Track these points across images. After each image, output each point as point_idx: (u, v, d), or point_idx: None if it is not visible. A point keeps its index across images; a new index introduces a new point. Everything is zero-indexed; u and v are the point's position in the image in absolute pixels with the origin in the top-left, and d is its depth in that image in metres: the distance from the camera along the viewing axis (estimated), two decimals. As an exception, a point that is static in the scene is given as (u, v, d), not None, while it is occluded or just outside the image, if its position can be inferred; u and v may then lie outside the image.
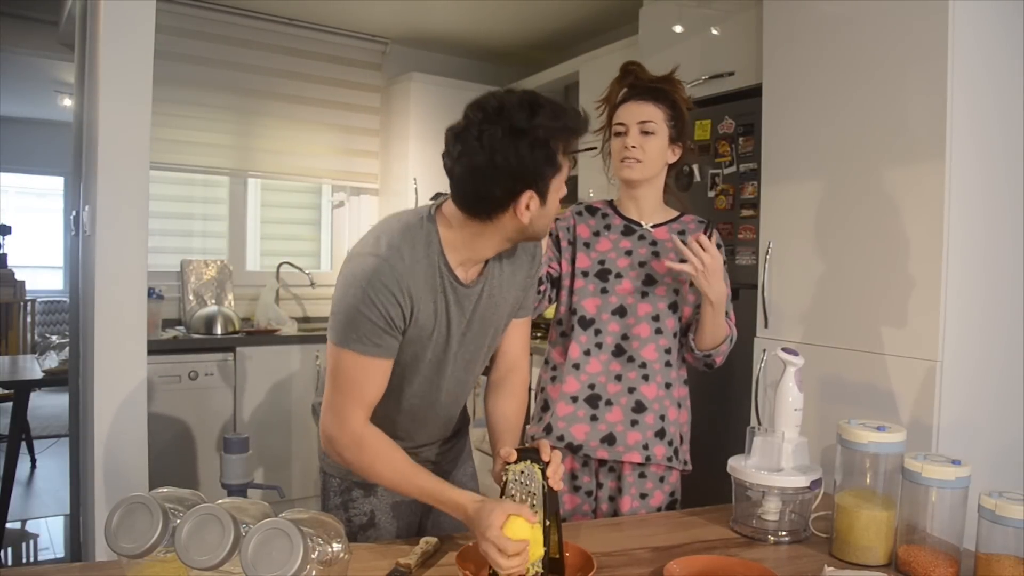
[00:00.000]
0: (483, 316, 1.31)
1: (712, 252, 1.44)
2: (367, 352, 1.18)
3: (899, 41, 1.79)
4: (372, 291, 1.16)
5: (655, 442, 1.56)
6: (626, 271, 1.59)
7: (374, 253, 1.19)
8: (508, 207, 1.17)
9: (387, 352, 1.21)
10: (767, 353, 2.14)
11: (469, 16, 3.76)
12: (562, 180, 1.20)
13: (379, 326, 1.18)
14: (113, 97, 2.03)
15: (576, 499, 1.62)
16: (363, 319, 1.17)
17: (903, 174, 1.79)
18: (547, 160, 1.15)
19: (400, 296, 1.18)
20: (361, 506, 1.41)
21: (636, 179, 1.60)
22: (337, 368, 1.20)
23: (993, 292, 1.78)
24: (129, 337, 2.06)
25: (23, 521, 3.54)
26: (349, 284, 1.19)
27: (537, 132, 1.12)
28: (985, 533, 1.12)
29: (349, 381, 1.20)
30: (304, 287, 4.02)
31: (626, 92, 1.62)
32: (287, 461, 3.51)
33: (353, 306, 1.17)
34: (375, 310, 1.16)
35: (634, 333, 1.58)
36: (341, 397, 1.21)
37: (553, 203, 1.21)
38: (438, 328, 1.25)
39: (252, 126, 3.88)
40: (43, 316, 6.32)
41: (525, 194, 1.16)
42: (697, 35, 2.59)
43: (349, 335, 1.18)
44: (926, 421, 1.70)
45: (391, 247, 1.19)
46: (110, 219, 2.04)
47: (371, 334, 1.18)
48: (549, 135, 1.13)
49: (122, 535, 0.89)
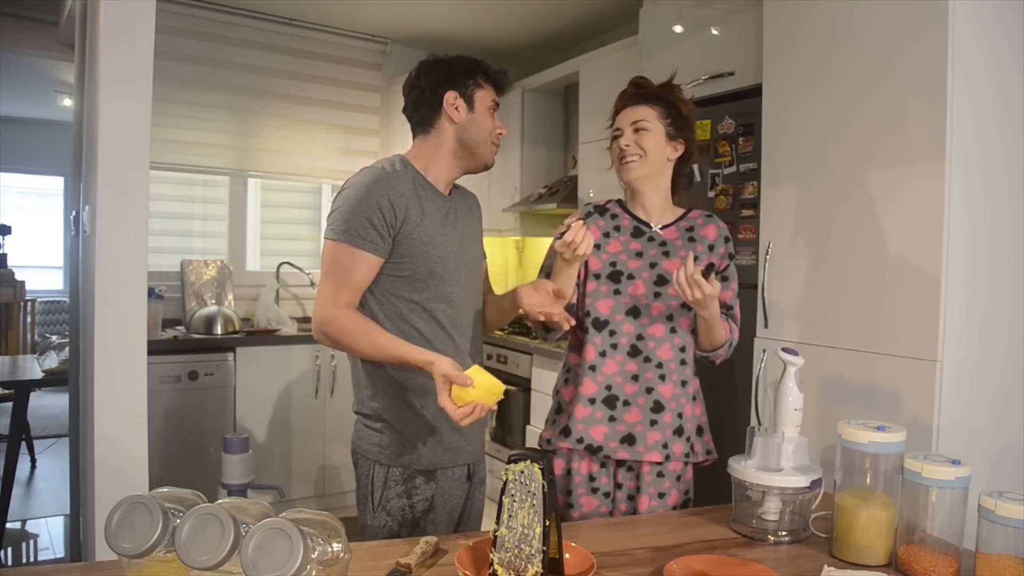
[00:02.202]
0: (463, 230, 1.58)
1: (705, 289, 1.42)
2: (355, 244, 1.42)
3: (899, 41, 1.80)
4: (369, 194, 1.43)
5: (674, 440, 1.58)
6: (638, 272, 1.60)
7: (365, 170, 1.49)
8: (439, 111, 1.52)
9: (373, 248, 1.43)
10: (767, 353, 2.14)
11: (469, 16, 3.76)
12: (487, 97, 1.54)
13: (371, 221, 1.42)
14: (113, 97, 2.03)
15: (594, 500, 1.62)
16: (356, 215, 1.42)
17: (903, 174, 1.79)
18: (466, 70, 1.52)
19: (391, 191, 1.44)
20: (423, 492, 1.52)
21: (636, 176, 1.60)
22: (331, 259, 1.44)
23: (993, 292, 1.78)
24: (129, 337, 2.06)
25: (23, 521, 3.54)
26: (349, 190, 1.46)
27: (456, 59, 1.54)
28: (985, 533, 1.12)
29: (338, 268, 1.43)
30: (304, 287, 4.02)
31: (623, 102, 1.65)
32: (287, 461, 3.51)
33: (350, 206, 1.43)
34: (371, 207, 1.42)
35: (649, 333, 1.59)
36: (329, 283, 1.44)
37: (482, 113, 1.53)
38: (430, 225, 1.49)
39: (252, 126, 3.88)
40: (43, 316, 6.33)
41: (449, 94, 1.51)
42: (697, 35, 2.59)
43: (345, 230, 1.42)
44: (926, 421, 1.70)
45: (377, 166, 1.50)
46: (110, 219, 2.04)
47: (362, 228, 1.42)
48: (466, 59, 1.54)
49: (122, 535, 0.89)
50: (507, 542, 1.12)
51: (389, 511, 1.51)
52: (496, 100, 1.57)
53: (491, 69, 1.57)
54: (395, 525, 1.51)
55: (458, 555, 1.14)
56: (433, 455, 1.53)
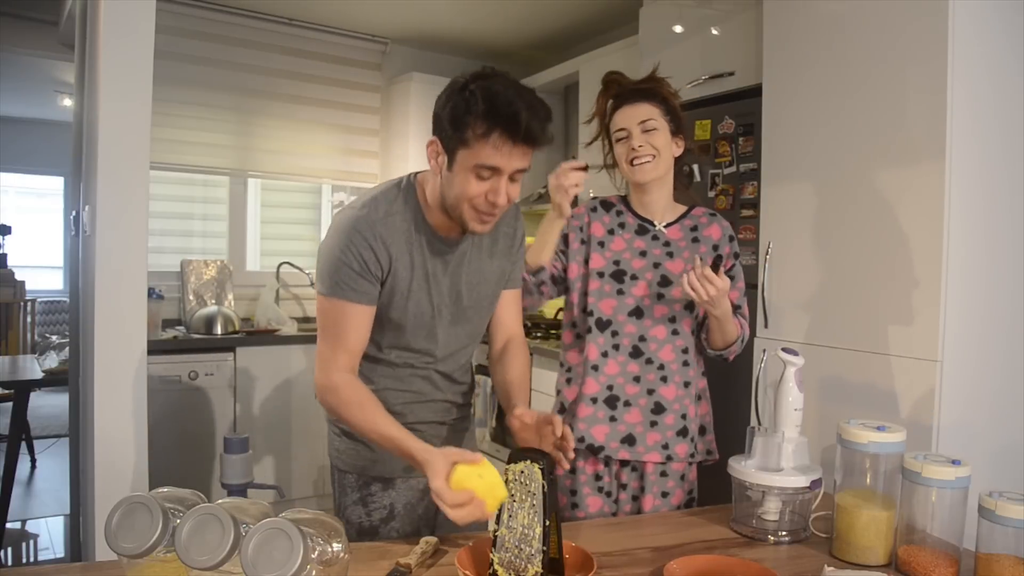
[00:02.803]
0: (469, 276, 1.39)
1: (717, 284, 1.41)
2: (346, 296, 1.28)
3: (899, 41, 1.79)
4: (348, 239, 1.27)
5: (676, 441, 1.58)
6: (641, 272, 1.59)
7: (352, 207, 1.32)
8: (428, 154, 1.28)
9: (365, 298, 1.30)
10: (767, 353, 2.14)
11: (469, 16, 3.75)
12: (473, 158, 1.19)
13: (355, 271, 1.27)
14: (113, 97, 2.03)
15: (599, 500, 1.62)
16: (342, 265, 1.27)
17: (903, 174, 1.79)
18: (455, 120, 1.19)
19: (374, 242, 1.28)
20: (380, 500, 1.43)
21: (653, 178, 1.58)
22: (323, 316, 1.31)
23: (993, 292, 1.77)
24: (129, 337, 2.06)
25: (23, 521, 3.54)
26: (330, 237, 1.31)
27: (464, 93, 1.19)
28: (985, 533, 1.12)
29: (332, 326, 1.30)
30: (304, 287, 4.02)
31: (614, 101, 1.61)
32: (287, 461, 3.51)
33: (333, 254, 1.28)
34: (353, 257, 1.27)
35: (651, 335, 1.58)
36: (325, 344, 1.31)
37: (460, 174, 1.22)
38: (416, 279, 1.33)
39: (252, 126, 3.88)
40: (43, 316, 6.32)
41: (432, 140, 1.26)
42: (697, 35, 2.59)
43: (332, 284, 1.28)
44: (926, 421, 1.70)
45: (369, 202, 1.32)
46: (110, 219, 2.04)
47: (349, 279, 1.28)
48: (470, 103, 1.17)
49: (122, 535, 0.89)
50: (507, 542, 1.12)
51: (348, 518, 1.43)
52: (490, 165, 1.19)
53: (503, 123, 1.16)
54: (353, 533, 1.40)
55: (458, 555, 1.14)
56: (389, 462, 1.40)
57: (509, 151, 1.18)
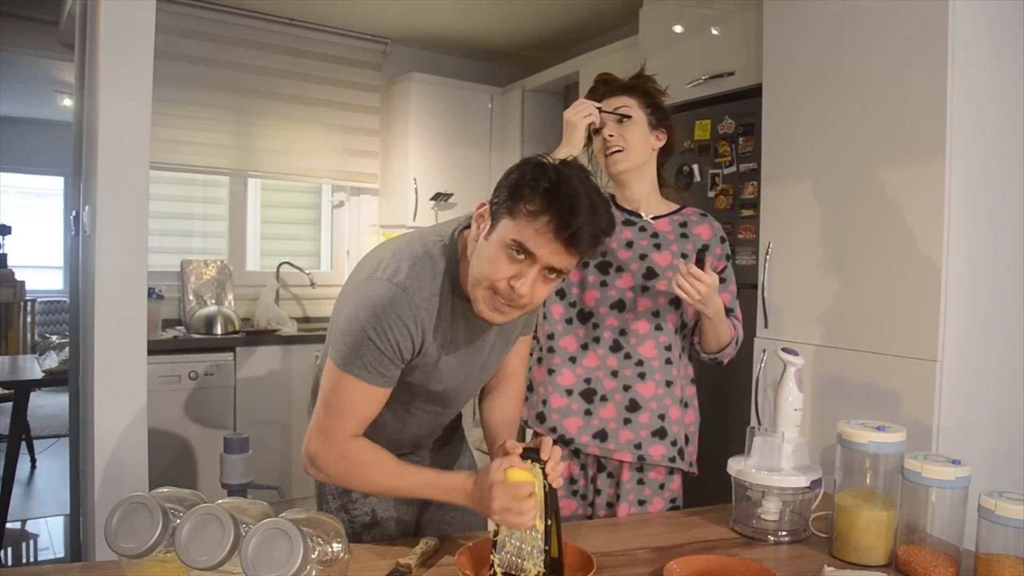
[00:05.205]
0: (495, 344, 1.32)
1: (706, 279, 1.38)
2: (370, 380, 1.16)
3: (899, 41, 1.79)
4: (386, 321, 1.13)
5: (651, 442, 1.54)
6: (626, 264, 1.57)
7: (392, 280, 1.15)
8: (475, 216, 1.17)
9: (389, 382, 1.19)
10: (767, 353, 2.14)
11: (469, 16, 3.75)
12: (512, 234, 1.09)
13: (386, 356, 1.15)
14: (113, 97, 2.03)
15: (572, 503, 1.60)
16: (371, 347, 1.14)
17: (903, 174, 1.79)
18: (513, 188, 1.10)
19: (413, 329, 1.15)
20: (361, 506, 1.41)
21: (622, 169, 1.58)
22: (335, 390, 1.17)
23: (993, 292, 1.77)
24: (129, 337, 2.06)
25: (23, 521, 3.54)
26: (362, 307, 1.15)
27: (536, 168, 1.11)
28: (985, 533, 1.12)
29: (345, 405, 1.17)
30: (304, 287, 4.02)
31: (600, 100, 1.62)
32: (287, 461, 3.51)
33: (363, 332, 1.13)
34: (386, 341, 1.14)
35: (632, 329, 1.56)
36: (332, 419, 1.18)
37: (494, 248, 1.11)
38: (445, 355, 1.23)
39: (252, 126, 3.88)
40: (43, 316, 6.32)
41: (484, 204, 1.16)
42: (697, 35, 2.59)
43: (354, 360, 1.15)
44: (926, 421, 1.70)
45: (411, 276, 1.16)
46: (110, 219, 2.04)
47: (377, 363, 1.15)
48: (536, 177, 1.09)
49: (122, 535, 0.89)
50: (508, 542, 1.12)
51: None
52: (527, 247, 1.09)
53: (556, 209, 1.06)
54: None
55: (458, 555, 1.14)
56: None
57: (549, 242, 1.08)
